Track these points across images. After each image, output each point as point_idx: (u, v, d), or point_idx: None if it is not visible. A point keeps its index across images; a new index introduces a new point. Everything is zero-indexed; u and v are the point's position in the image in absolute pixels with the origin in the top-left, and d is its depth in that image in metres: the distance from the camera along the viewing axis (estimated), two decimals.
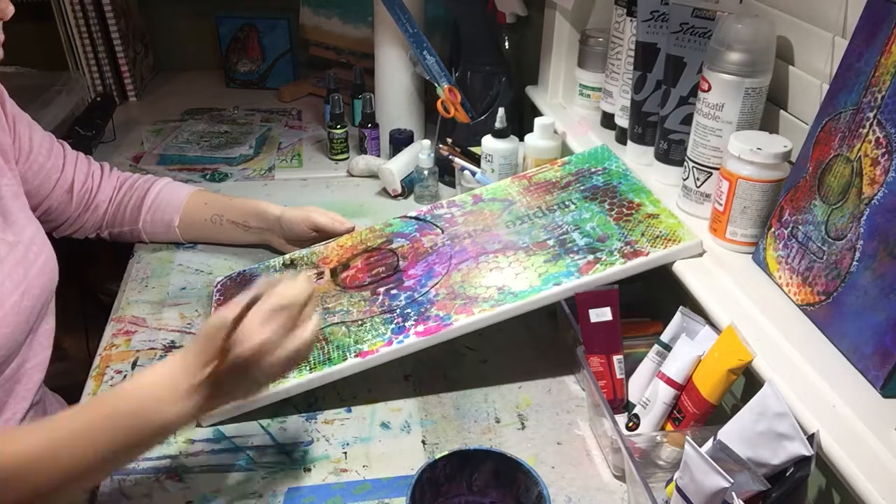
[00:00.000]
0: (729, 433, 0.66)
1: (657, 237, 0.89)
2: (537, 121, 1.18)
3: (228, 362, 0.66)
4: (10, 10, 0.73)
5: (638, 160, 1.08)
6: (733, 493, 0.60)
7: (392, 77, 1.37)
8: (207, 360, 0.66)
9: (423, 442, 0.82)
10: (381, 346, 0.85)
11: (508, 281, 0.89)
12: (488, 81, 1.32)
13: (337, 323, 0.90)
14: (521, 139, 1.21)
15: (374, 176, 1.35)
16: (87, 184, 1.05)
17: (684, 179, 0.95)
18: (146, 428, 0.65)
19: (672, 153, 1.00)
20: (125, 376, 0.89)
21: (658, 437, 0.76)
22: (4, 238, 0.82)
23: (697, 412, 0.75)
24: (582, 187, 1.01)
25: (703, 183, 0.92)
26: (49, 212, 1.01)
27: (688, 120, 0.96)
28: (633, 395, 0.85)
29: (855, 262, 0.71)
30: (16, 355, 0.81)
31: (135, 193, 1.09)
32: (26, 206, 0.90)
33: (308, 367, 0.84)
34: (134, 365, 0.91)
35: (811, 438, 0.62)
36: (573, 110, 1.31)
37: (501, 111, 1.19)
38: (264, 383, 0.70)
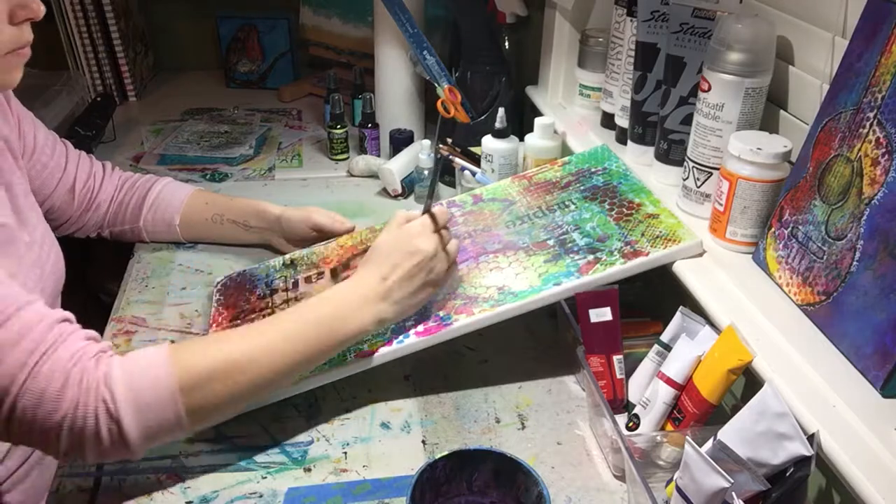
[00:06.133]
0: (729, 433, 0.66)
1: (657, 237, 0.89)
2: (537, 121, 1.18)
3: (403, 268, 0.81)
4: (42, 9, 0.73)
5: (638, 160, 1.08)
6: (733, 493, 0.60)
7: (392, 77, 1.37)
8: (386, 273, 0.80)
9: (423, 442, 0.82)
10: (381, 346, 0.85)
11: (508, 281, 0.88)
12: (488, 81, 1.32)
13: None
14: (521, 139, 1.21)
15: (374, 176, 1.35)
16: (89, 183, 1.05)
17: (684, 179, 0.95)
18: (337, 332, 0.77)
19: (672, 153, 1.00)
20: None
21: (658, 437, 0.76)
22: (22, 238, 0.82)
23: (697, 412, 0.75)
24: (582, 187, 1.01)
25: (703, 183, 0.92)
26: (51, 211, 1.01)
27: (688, 120, 0.96)
28: (633, 395, 0.85)
29: (855, 262, 0.71)
30: None
31: (136, 192, 1.09)
32: (36, 205, 0.91)
33: None
34: None
35: (811, 438, 0.62)
36: (573, 110, 1.31)
37: (501, 111, 1.19)
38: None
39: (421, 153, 1.24)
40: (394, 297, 0.80)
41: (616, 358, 0.84)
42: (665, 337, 0.83)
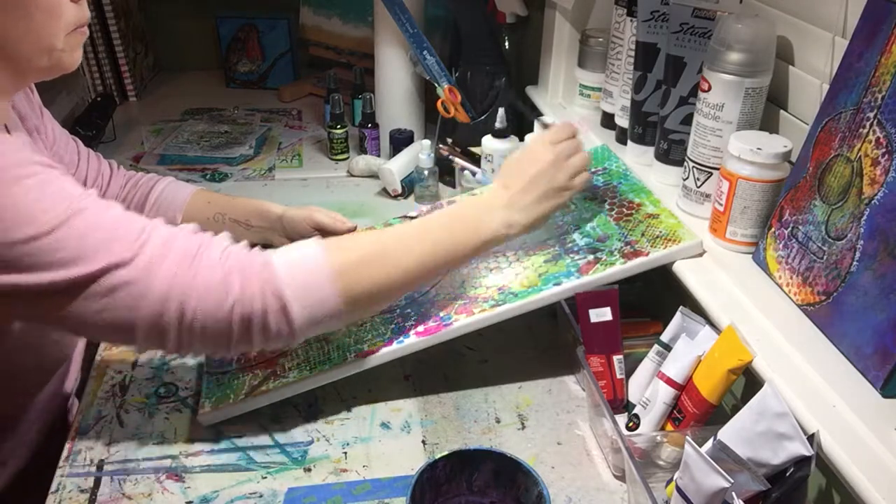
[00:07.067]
0: (729, 433, 0.66)
1: (657, 237, 0.89)
2: (537, 121, 1.18)
3: (525, 177, 0.84)
4: None
5: (638, 160, 1.08)
6: (733, 493, 0.60)
7: (392, 77, 1.37)
8: (508, 182, 0.84)
9: (423, 442, 0.82)
10: (381, 346, 0.85)
11: (508, 281, 0.88)
12: (488, 81, 1.32)
13: None
14: (521, 139, 1.21)
15: (374, 176, 1.35)
16: (98, 181, 1.05)
17: (684, 179, 0.95)
18: (473, 235, 0.81)
19: (672, 153, 1.00)
20: (125, 376, 0.90)
21: (658, 437, 0.76)
22: None
23: (697, 412, 0.75)
24: None
25: (703, 183, 0.93)
26: None
27: (688, 120, 0.96)
28: (633, 395, 0.85)
29: (855, 262, 0.71)
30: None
31: (138, 191, 1.09)
32: None
33: (308, 367, 0.84)
34: (134, 365, 0.91)
35: (811, 438, 0.62)
36: (573, 110, 1.31)
37: (501, 111, 1.19)
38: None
39: (421, 153, 1.24)
40: (518, 205, 0.83)
41: (616, 358, 0.85)
42: (665, 337, 0.83)
